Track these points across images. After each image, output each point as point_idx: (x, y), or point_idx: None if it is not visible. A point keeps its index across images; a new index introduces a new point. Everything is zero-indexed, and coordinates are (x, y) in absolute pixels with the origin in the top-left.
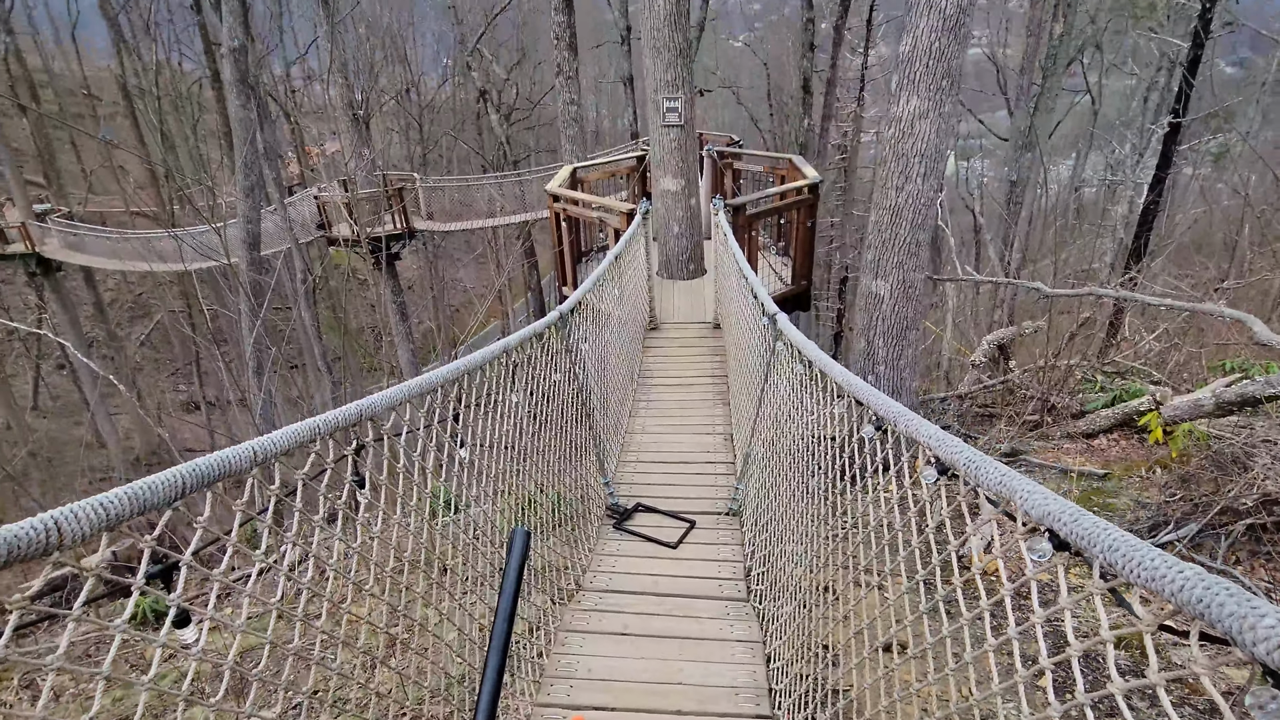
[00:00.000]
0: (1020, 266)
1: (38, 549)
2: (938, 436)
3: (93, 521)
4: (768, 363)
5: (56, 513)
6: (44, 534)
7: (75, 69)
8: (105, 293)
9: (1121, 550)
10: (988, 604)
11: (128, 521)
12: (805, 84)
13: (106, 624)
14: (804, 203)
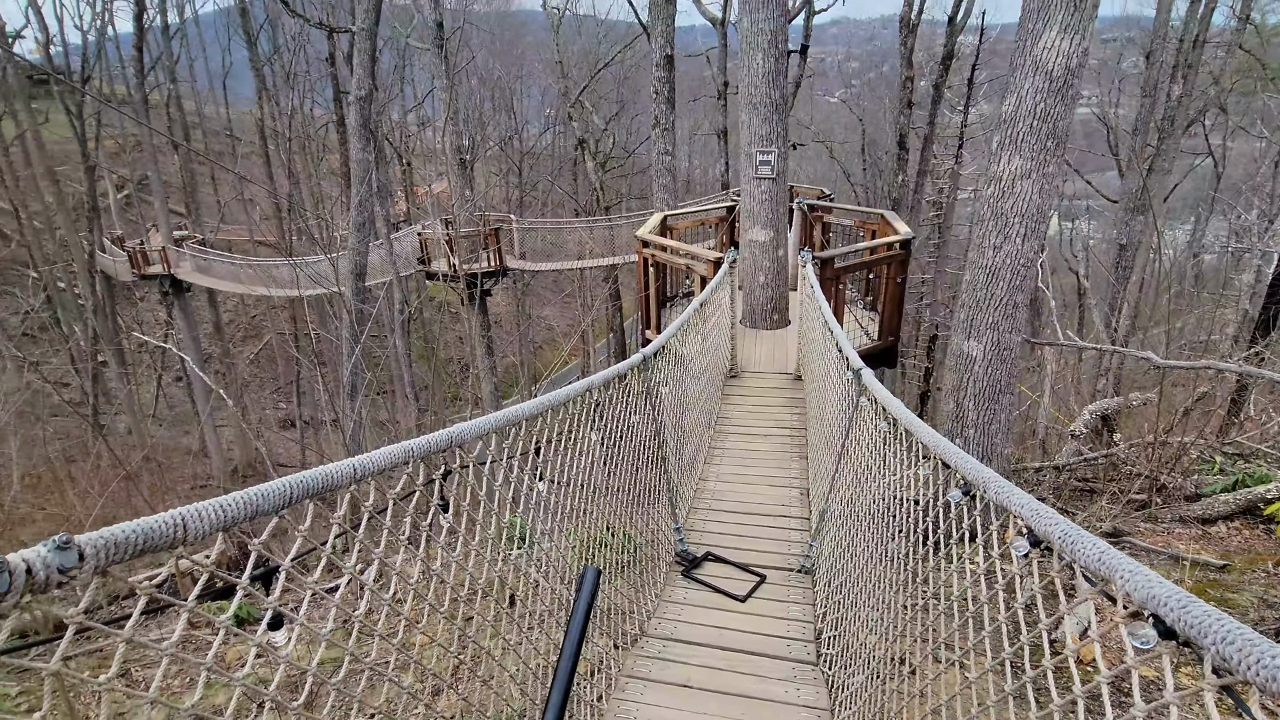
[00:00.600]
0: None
1: (165, 542)
2: (1031, 506)
3: (213, 521)
4: (850, 418)
5: (183, 510)
6: (173, 529)
7: (222, 113)
8: (224, 313)
9: (1238, 644)
10: (1082, 692)
11: (241, 524)
12: (901, 140)
13: (213, 617)
14: (895, 258)
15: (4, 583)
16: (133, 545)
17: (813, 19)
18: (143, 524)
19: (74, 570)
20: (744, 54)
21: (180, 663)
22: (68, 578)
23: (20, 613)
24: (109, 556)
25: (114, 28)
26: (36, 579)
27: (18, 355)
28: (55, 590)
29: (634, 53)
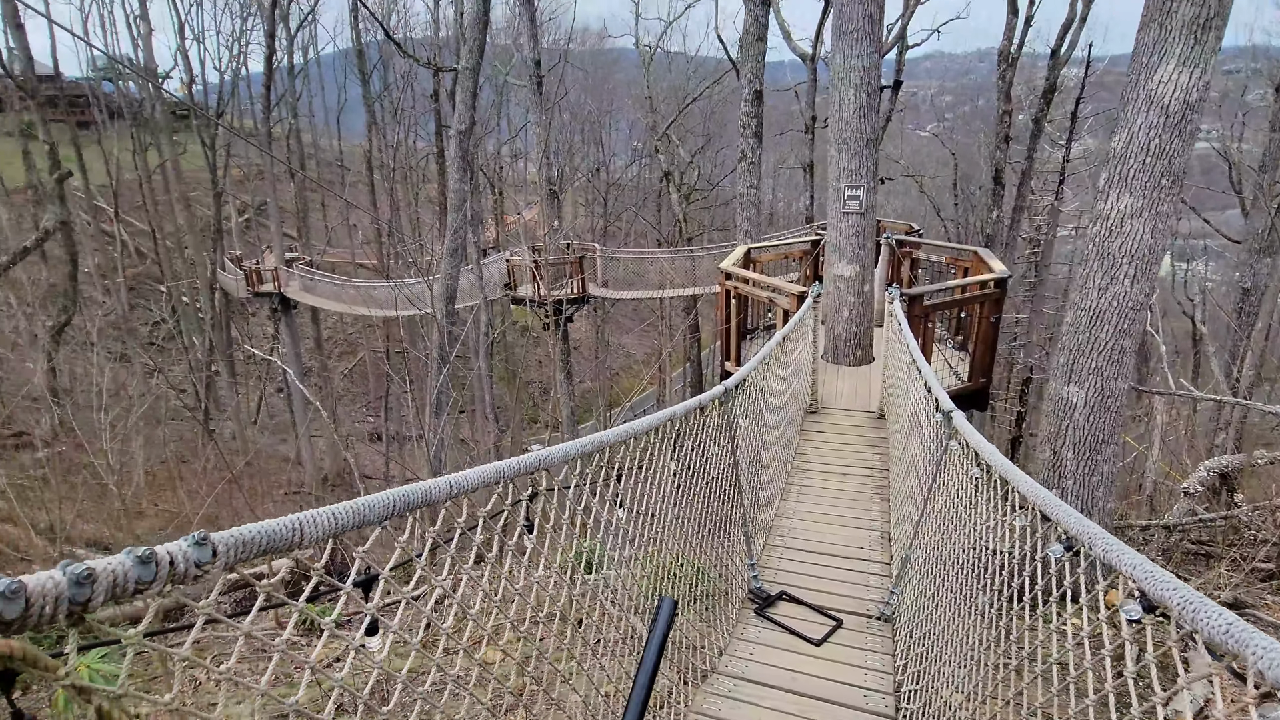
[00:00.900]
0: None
1: (284, 544)
2: (1145, 567)
3: (325, 528)
4: (938, 461)
5: (300, 516)
6: (291, 532)
7: (335, 145)
8: (324, 330)
9: None
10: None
11: (348, 531)
12: (997, 175)
13: (319, 618)
14: (988, 297)
15: (151, 572)
16: (257, 545)
17: (906, 54)
18: (266, 526)
19: (208, 565)
20: (835, 89)
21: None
22: (202, 571)
23: (161, 600)
24: (237, 554)
25: (247, 68)
26: (177, 570)
27: (146, 362)
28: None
29: (722, 88)
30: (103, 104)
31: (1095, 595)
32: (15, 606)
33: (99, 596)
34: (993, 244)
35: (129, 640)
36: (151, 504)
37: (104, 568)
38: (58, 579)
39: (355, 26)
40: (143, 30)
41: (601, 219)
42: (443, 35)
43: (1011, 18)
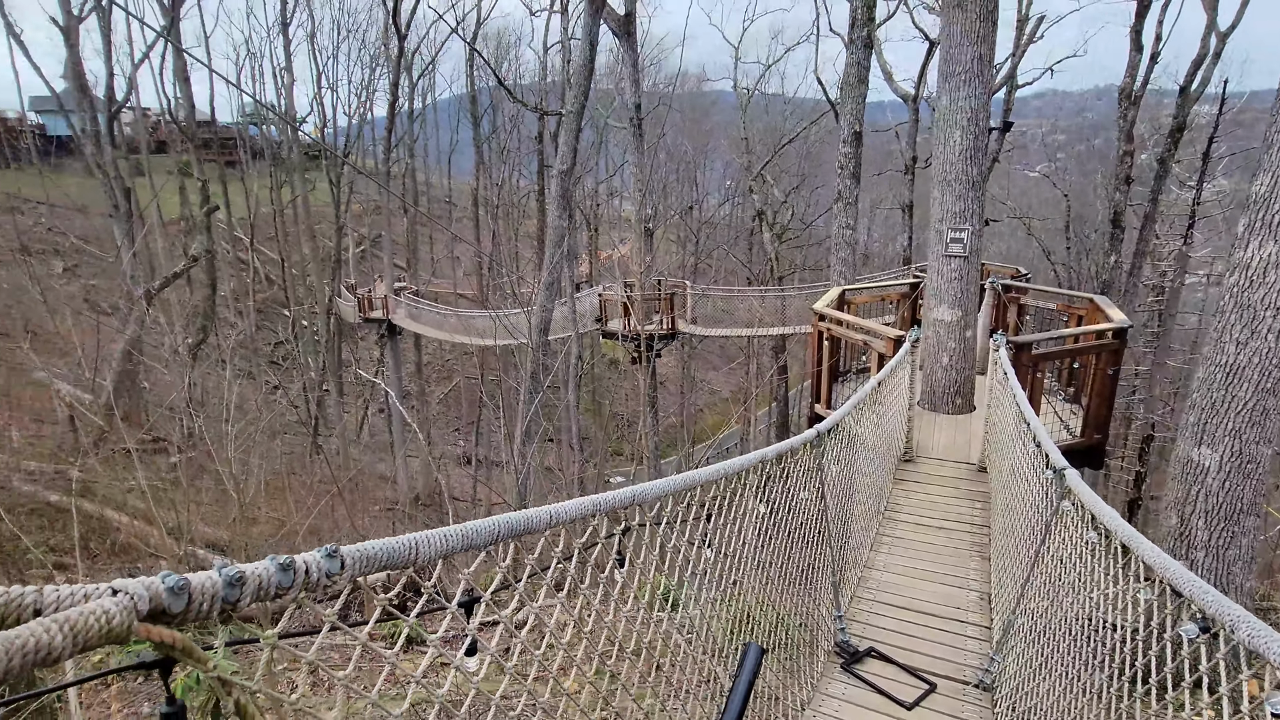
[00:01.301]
0: None
1: (401, 561)
2: None
3: (438, 548)
4: (1047, 522)
5: (417, 536)
6: (408, 550)
7: (445, 183)
8: (425, 356)
9: None
10: None
11: (457, 553)
12: (1116, 218)
13: (426, 635)
14: (1105, 348)
15: (289, 579)
16: (379, 560)
17: (1015, 93)
18: (387, 544)
19: (336, 576)
20: (940, 131)
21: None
22: (331, 581)
23: (296, 607)
24: (360, 567)
25: (372, 113)
26: (311, 578)
27: (268, 379)
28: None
29: (819, 128)
30: (247, 146)
31: (1237, 684)
32: (180, 602)
33: (247, 598)
34: (1110, 291)
35: (266, 639)
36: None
37: (252, 571)
38: (215, 579)
39: (470, 74)
40: (286, 81)
41: (693, 256)
42: (549, 81)
43: (1135, 55)
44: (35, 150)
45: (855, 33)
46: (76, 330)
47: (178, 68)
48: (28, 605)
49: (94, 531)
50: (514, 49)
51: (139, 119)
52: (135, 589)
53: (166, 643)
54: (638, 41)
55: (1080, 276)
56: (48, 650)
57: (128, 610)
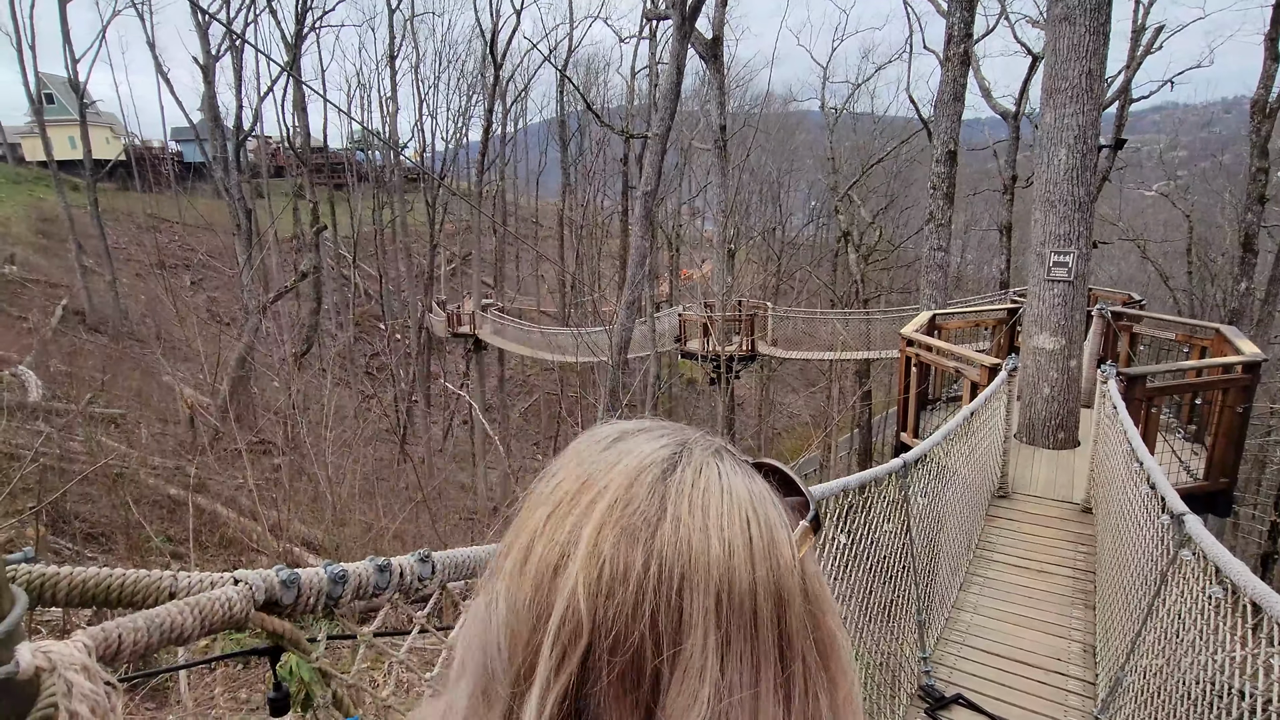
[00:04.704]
0: None
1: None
2: None
3: None
4: (1163, 572)
5: (492, 547)
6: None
7: (532, 203)
8: (507, 370)
9: None
10: None
11: None
12: (1247, 241)
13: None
14: (1234, 383)
15: (385, 579)
16: (465, 567)
17: (1129, 108)
18: (473, 551)
19: (428, 579)
20: (1043, 149)
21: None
22: (422, 584)
23: (390, 607)
24: (450, 573)
25: (467, 138)
26: (405, 580)
27: (363, 389)
28: (413, 592)
29: (909, 146)
30: (354, 169)
31: None
32: (291, 594)
33: (348, 595)
34: (1240, 320)
35: (363, 637)
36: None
37: (354, 571)
38: (321, 575)
39: (560, 99)
40: (391, 109)
41: (775, 277)
42: (635, 104)
43: (1270, 63)
44: (174, 175)
45: (951, 49)
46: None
47: (296, 99)
48: (164, 589)
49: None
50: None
51: (262, 146)
52: (254, 580)
53: (278, 632)
54: (724, 64)
55: (1204, 304)
56: (180, 630)
57: (247, 599)
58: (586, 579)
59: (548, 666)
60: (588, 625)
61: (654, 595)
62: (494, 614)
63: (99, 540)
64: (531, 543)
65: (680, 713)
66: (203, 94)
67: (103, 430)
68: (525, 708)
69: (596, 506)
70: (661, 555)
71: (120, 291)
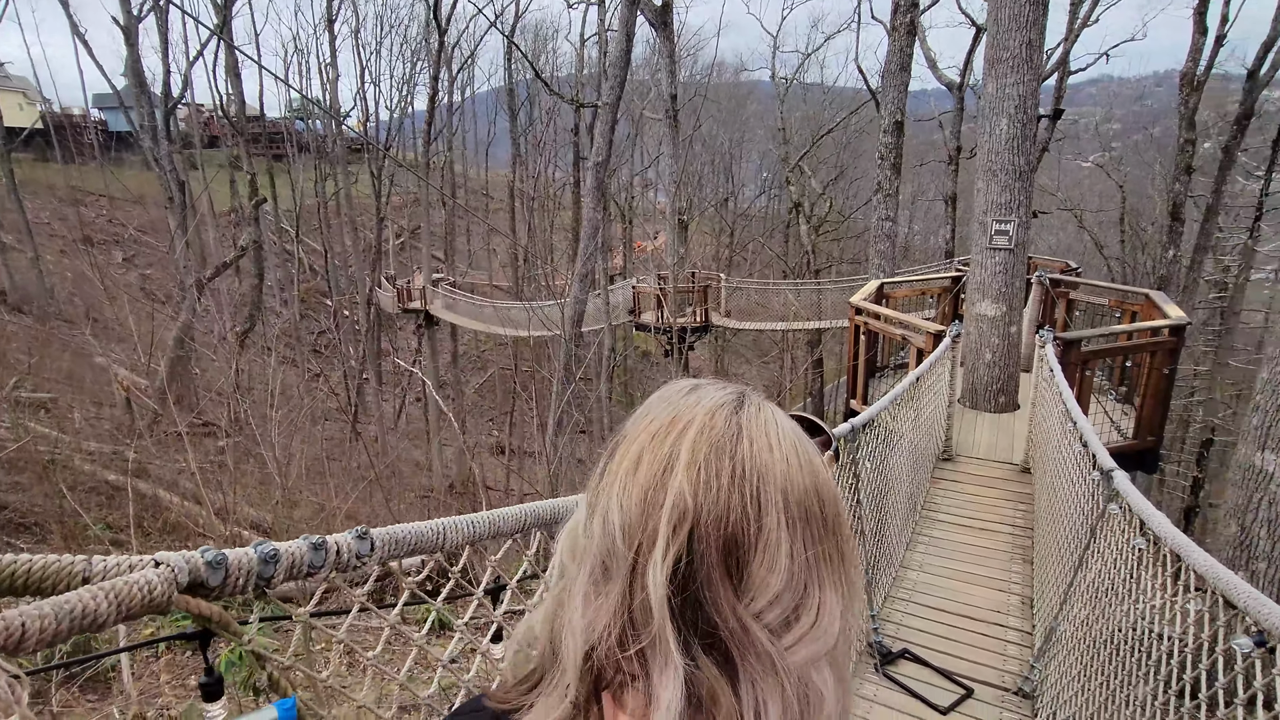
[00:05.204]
0: None
1: (429, 545)
2: None
3: (464, 534)
4: (1093, 526)
5: (444, 521)
6: (436, 535)
7: (481, 175)
8: (461, 346)
9: None
10: None
11: (484, 540)
12: (1175, 210)
13: (452, 620)
14: (1162, 346)
15: (321, 558)
16: (408, 543)
17: (1067, 79)
18: (415, 527)
19: (366, 557)
20: (986, 119)
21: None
22: (361, 562)
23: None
24: (391, 550)
25: (412, 107)
26: (342, 559)
27: (310, 367)
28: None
29: (859, 118)
30: (294, 140)
31: None
32: (218, 575)
33: (280, 575)
34: (1168, 286)
35: (299, 617)
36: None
37: (286, 550)
38: (250, 555)
39: (508, 67)
40: (331, 76)
41: (727, 249)
42: (585, 73)
43: (1199, 37)
44: (98, 145)
45: (898, 19)
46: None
47: (229, 64)
48: (77, 574)
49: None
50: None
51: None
52: (176, 562)
53: (204, 615)
54: (674, 32)
55: (1135, 271)
56: (94, 616)
57: (168, 581)
58: (690, 477)
59: (665, 538)
60: (692, 509)
61: (740, 488)
62: (606, 514)
63: (31, 530)
64: (639, 458)
65: (764, 574)
66: (125, 58)
67: (31, 416)
68: (649, 570)
69: (689, 431)
70: (742, 462)
71: (44, 269)
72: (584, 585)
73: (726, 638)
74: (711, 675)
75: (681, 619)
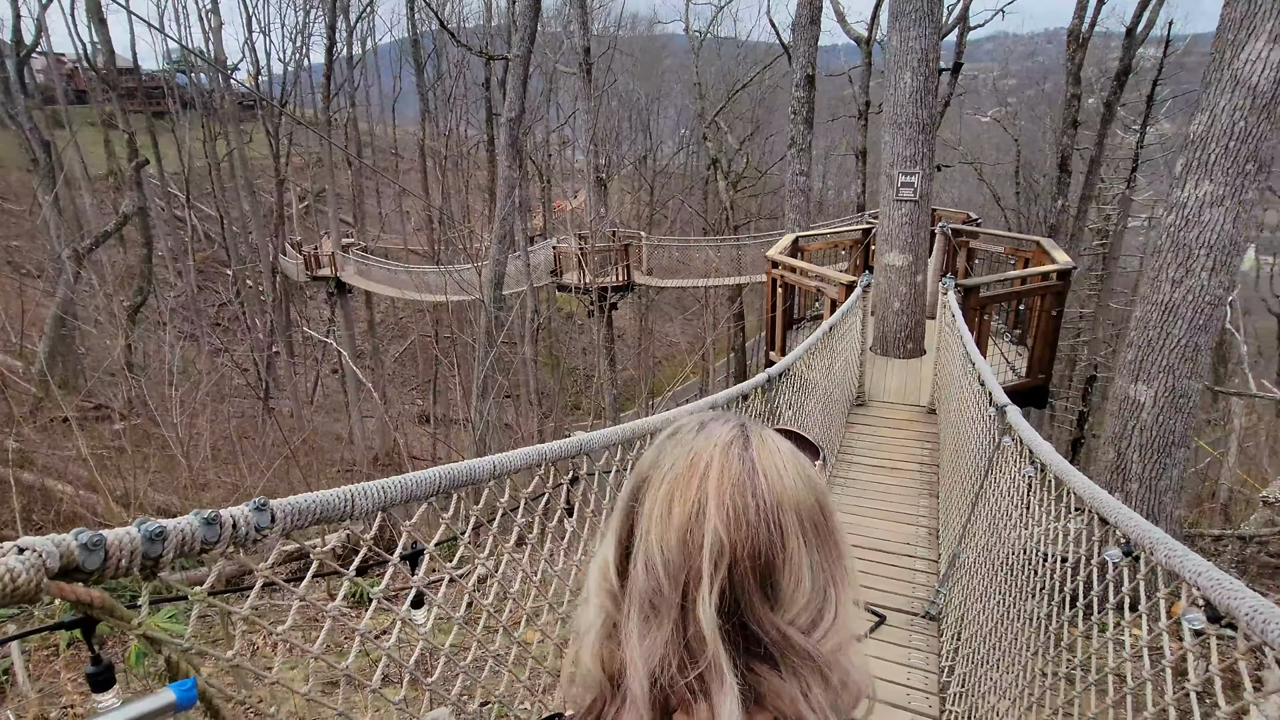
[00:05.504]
0: None
1: (337, 514)
2: (1211, 574)
3: (375, 500)
4: (990, 459)
5: (352, 488)
6: (344, 503)
7: (389, 133)
8: (377, 314)
9: None
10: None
11: (396, 505)
12: (1063, 162)
13: (369, 590)
14: (1050, 289)
15: (215, 533)
16: (312, 513)
17: (967, 35)
18: (320, 496)
19: (267, 530)
20: (891, 73)
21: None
22: (261, 535)
23: (225, 561)
24: (293, 521)
25: (309, 60)
26: (239, 533)
27: (213, 342)
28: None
29: (772, 73)
30: (176, 95)
31: (1155, 603)
32: (96, 558)
33: (169, 553)
34: (1057, 235)
35: (195, 596)
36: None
37: (174, 526)
38: (133, 534)
39: (411, 17)
40: (213, 24)
41: (648, 206)
42: (495, 24)
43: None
44: None
45: None
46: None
47: (91, 8)
48: None
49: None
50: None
51: (53, 64)
52: (44, 546)
53: (84, 600)
54: None
55: (1029, 221)
56: None
57: (35, 568)
58: (721, 519)
59: (708, 575)
60: (728, 545)
61: (765, 519)
62: (649, 558)
63: None
64: (670, 503)
65: (793, 588)
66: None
67: None
68: (699, 605)
69: (710, 473)
70: (762, 496)
71: None
72: (636, 624)
73: (769, 645)
74: (763, 676)
75: (731, 641)
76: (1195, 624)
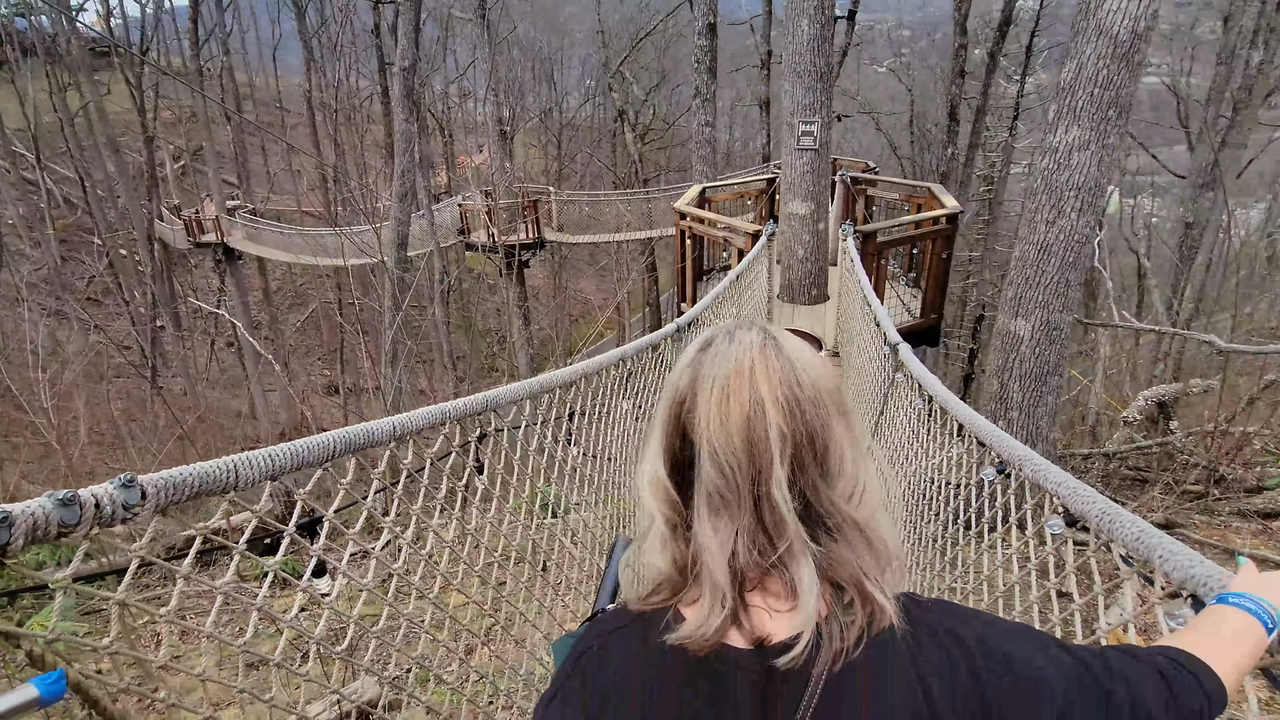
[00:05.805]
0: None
1: (218, 486)
2: (1069, 484)
3: (261, 469)
4: (885, 394)
5: (235, 458)
6: (226, 474)
7: (271, 84)
8: (273, 281)
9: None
10: None
11: (288, 474)
12: (952, 111)
13: (262, 561)
14: (940, 233)
15: (74, 515)
16: (189, 487)
17: None
18: (198, 468)
19: (137, 507)
20: (789, 20)
21: (232, 603)
22: (131, 514)
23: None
24: (168, 496)
25: (170, 1)
26: (104, 513)
27: (83, 318)
28: (119, 525)
29: (676, 21)
30: (15, 41)
31: (1025, 514)
32: None
33: (18, 539)
34: (948, 181)
35: (57, 583)
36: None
37: (22, 510)
38: None
39: None
40: None
41: (555, 161)
42: None
43: None
44: None
45: None
46: None
47: None
48: None
49: None
50: None
51: None
52: None
53: None
54: None
55: (923, 169)
56: None
57: None
58: (778, 412)
59: (778, 463)
60: (789, 433)
61: (813, 408)
62: (714, 456)
63: None
64: (725, 406)
65: (839, 464)
66: None
67: None
68: (774, 491)
69: (757, 374)
70: (806, 386)
71: None
72: (707, 519)
73: (826, 518)
74: (826, 548)
75: (803, 520)
76: (1055, 529)
